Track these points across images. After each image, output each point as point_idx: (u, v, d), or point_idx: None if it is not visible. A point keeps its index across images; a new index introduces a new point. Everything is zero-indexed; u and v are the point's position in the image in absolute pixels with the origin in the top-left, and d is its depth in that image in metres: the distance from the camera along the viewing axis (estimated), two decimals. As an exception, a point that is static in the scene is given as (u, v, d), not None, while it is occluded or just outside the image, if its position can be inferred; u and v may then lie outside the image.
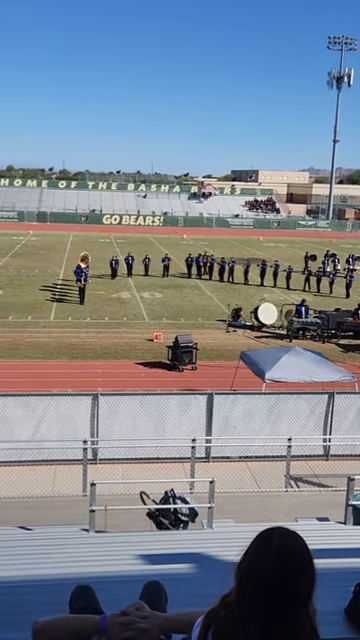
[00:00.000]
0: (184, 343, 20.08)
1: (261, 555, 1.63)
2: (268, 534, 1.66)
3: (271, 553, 1.61)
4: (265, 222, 77.54)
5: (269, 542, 1.64)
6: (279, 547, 1.62)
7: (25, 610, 4.54)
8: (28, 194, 78.65)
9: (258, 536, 1.68)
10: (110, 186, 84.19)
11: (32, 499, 11.17)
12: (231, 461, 13.26)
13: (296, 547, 1.63)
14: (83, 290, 29.98)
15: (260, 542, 1.66)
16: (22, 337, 23.20)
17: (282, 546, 1.62)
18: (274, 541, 1.63)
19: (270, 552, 1.62)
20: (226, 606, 1.70)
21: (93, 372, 19.22)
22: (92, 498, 8.53)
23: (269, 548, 1.62)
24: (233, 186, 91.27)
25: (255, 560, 1.64)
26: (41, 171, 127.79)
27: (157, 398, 13.83)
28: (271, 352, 16.80)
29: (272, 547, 1.62)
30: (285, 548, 1.62)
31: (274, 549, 1.62)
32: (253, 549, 1.66)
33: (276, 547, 1.62)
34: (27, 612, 4.30)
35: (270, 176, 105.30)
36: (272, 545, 1.63)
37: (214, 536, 7.89)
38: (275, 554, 1.61)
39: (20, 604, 4.88)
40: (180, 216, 75.87)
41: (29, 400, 13.22)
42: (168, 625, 1.98)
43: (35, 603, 4.63)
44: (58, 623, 1.99)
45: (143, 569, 5.60)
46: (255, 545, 1.66)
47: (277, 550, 1.61)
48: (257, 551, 1.65)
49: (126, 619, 1.88)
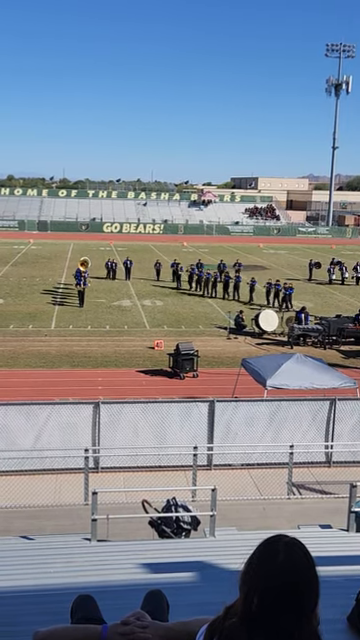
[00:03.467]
0: (185, 350, 20.07)
1: (267, 567, 1.61)
2: (273, 544, 1.65)
3: (277, 564, 1.60)
4: (265, 229, 77.66)
5: (275, 553, 1.62)
6: (285, 558, 1.60)
7: (26, 620, 4.52)
8: (29, 203, 78.88)
9: (262, 546, 1.66)
10: (110, 194, 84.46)
11: (34, 508, 11.15)
12: (233, 468, 13.23)
13: (302, 557, 1.62)
14: (82, 293, 30.65)
15: (265, 553, 1.64)
16: (23, 346, 23.21)
17: (288, 557, 1.61)
18: (280, 552, 1.62)
19: (276, 563, 1.60)
20: (231, 617, 1.69)
21: (94, 380, 19.21)
22: (94, 507, 8.50)
23: (275, 559, 1.61)
24: (233, 193, 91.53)
25: (261, 572, 1.62)
26: (41, 180, 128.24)
27: (158, 406, 13.81)
28: (272, 359, 16.80)
29: (278, 558, 1.61)
30: (291, 559, 1.61)
31: (280, 560, 1.60)
32: (258, 560, 1.64)
33: (282, 558, 1.61)
34: (28, 622, 4.28)
35: (270, 183, 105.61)
36: (278, 556, 1.61)
37: (216, 544, 7.85)
38: (281, 565, 1.60)
39: (21, 614, 4.86)
40: (180, 224, 76.03)
41: (31, 409, 13.21)
42: (169, 635, 1.97)
43: (36, 613, 4.61)
44: (59, 633, 1.98)
45: (145, 578, 5.57)
46: (260, 556, 1.64)
47: (283, 561, 1.60)
48: (263, 562, 1.63)
49: (126, 629, 1.87)
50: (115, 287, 36.40)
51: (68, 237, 63.74)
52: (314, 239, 73.70)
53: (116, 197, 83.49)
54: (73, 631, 2.05)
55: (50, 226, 72.09)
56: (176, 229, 74.09)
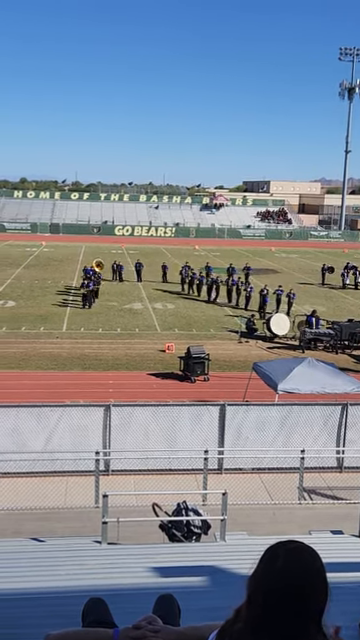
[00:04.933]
0: (196, 354, 20.06)
1: (268, 571, 1.62)
2: (274, 549, 1.65)
3: (277, 569, 1.60)
4: (277, 233, 77.48)
5: (274, 557, 1.63)
6: (285, 563, 1.60)
7: (37, 622, 4.53)
8: (41, 206, 79.27)
9: (265, 551, 1.67)
10: (122, 197, 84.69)
11: (44, 510, 11.17)
12: (244, 473, 13.18)
13: (304, 562, 1.61)
14: (86, 296, 31.04)
15: (267, 557, 1.65)
16: (35, 348, 23.31)
17: (288, 562, 1.61)
18: (279, 557, 1.62)
19: (276, 568, 1.60)
20: (239, 621, 1.69)
21: (105, 383, 19.24)
22: (104, 510, 8.51)
23: (275, 564, 1.61)
24: (245, 197, 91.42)
25: (262, 576, 1.62)
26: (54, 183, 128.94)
27: (169, 409, 13.81)
28: (284, 363, 16.74)
29: (278, 563, 1.61)
30: (291, 563, 1.60)
31: (280, 565, 1.60)
32: (260, 565, 1.65)
33: (282, 563, 1.61)
34: (39, 624, 4.29)
35: (282, 187, 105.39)
36: (278, 561, 1.61)
37: (227, 549, 7.83)
38: (281, 570, 1.60)
39: (32, 616, 4.87)
40: (192, 227, 76.06)
41: (42, 411, 13.25)
42: (178, 637, 1.96)
43: (47, 615, 4.62)
44: (70, 636, 1.98)
45: (156, 582, 5.56)
46: (262, 560, 1.65)
47: (283, 566, 1.60)
48: (264, 567, 1.64)
49: (138, 633, 1.86)
50: (126, 290, 36.48)
51: (80, 240, 63.97)
52: (326, 243, 73.41)
53: (128, 200, 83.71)
54: (85, 634, 2.05)
55: (62, 229, 72.40)
56: (188, 232, 74.12)
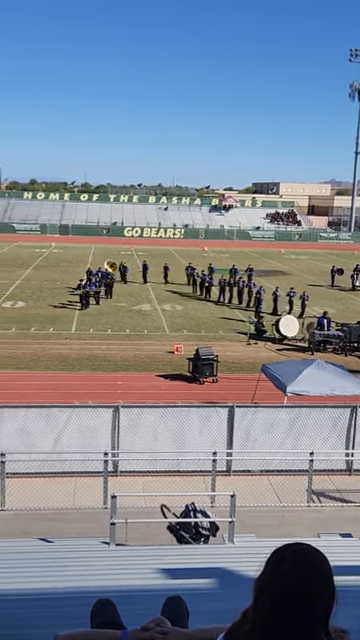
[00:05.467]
0: (205, 355, 20.04)
1: (274, 573, 1.61)
2: (281, 551, 1.65)
3: (284, 571, 1.59)
4: (286, 234, 77.32)
5: (281, 560, 1.62)
6: (292, 565, 1.60)
7: (45, 623, 4.53)
8: (51, 207, 79.56)
9: (272, 553, 1.66)
10: (131, 199, 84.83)
11: (53, 511, 11.20)
12: (252, 475, 13.15)
13: (311, 564, 1.60)
14: (82, 296, 30.99)
15: (273, 560, 1.64)
16: (44, 349, 23.38)
17: (295, 564, 1.60)
18: (286, 559, 1.61)
19: (283, 570, 1.60)
20: (246, 623, 1.68)
21: (114, 384, 19.27)
22: (113, 511, 8.51)
23: (281, 566, 1.61)
24: (254, 198, 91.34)
25: (269, 578, 1.62)
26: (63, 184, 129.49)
27: (178, 411, 13.80)
28: (293, 365, 16.69)
29: (285, 565, 1.60)
30: (298, 566, 1.60)
31: (286, 567, 1.60)
32: (267, 566, 1.65)
33: (288, 564, 1.60)
34: (47, 625, 4.29)
35: (291, 188, 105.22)
36: (284, 563, 1.61)
37: (235, 551, 7.81)
38: (288, 572, 1.59)
39: (40, 616, 4.88)
40: (201, 228, 76.06)
41: (51, 412, 13.29)
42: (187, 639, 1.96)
43: (55, 616, 4.63)
44: (79, 637, 1.98)
45: (164, 583, 5.55)
46: (269, 563, 1.65)
47: (290, 568, 1.59)
48: (271, 569, 1.63)
49: (146, 635, 1.86)
50: (135, 291, 36.53)
51: (89, 241, 64.14)
52: (336, 245, 73.16)
53: (137, 201, 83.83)
54: (93, 636, 2.05)
55: (72, 230, 72.61)
56: (197, 234, 74.14)
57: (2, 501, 11.50)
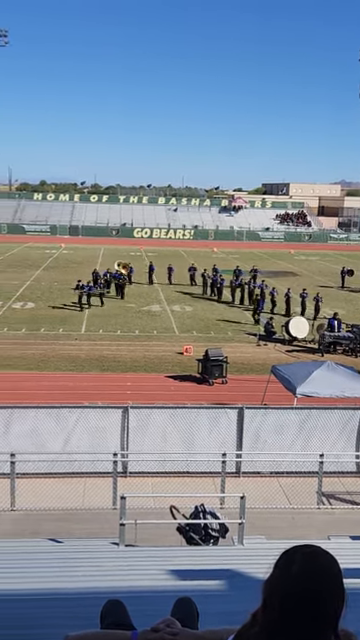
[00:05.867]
0: (214, 356, 20.02)
1: (284, 575, 1.61)
2: (291, 553, 1.64)
3: (293, 573, 1.59)
4: (296, 235, 77.16)
5: (291, 562, 1.61)
6: (301, 567, 1.59)
7: (55, 623, 4.54)
8: (60, 208, 79.85)
9: (281, 555, 1.65)
10: (141, 200, 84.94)
11: (62, 511, 11.22)
12: (262, 476, 13.12)
13: (319, 567, 1.60)
14: (80, 298, 31.13)
15: (283, 562, 1.63)
16: (53, 349, 23.45)
17: (304, 566, 1.59)
18: (295, 561, 1.61)
19: (292, 572, 1.59)
20: (255, 625, 1.68)
21: (123, 385, 19.29)
22: (122, 512, 8.51)
23: (291, 568, 1.60)
24: (264, 199, 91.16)
25: (278, 580, 1.61)
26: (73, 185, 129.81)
27: (187, 412, 13.80)
28: (303, 366, 16.64)
29: (294, 566, 1.60)
30: (308, 568, 1.59)
31: (296, 569, 1.59)
32: (276, 568, 1.64)
33: (298, 566, 1.59)
34: (57, 625, 4.30)
35: (301, 189, 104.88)
36: (294, 564, 1.60)
37: (245, 553, 7.79)
38: (297, 574, 1.58)
39: (50, 616, 4.89)
40: (211, 229, 76.05)
41: (60, 412, 13.32)
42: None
43: (65, 616, 4.63)
44: (89, 638, 1.98)
45: (173, 585, 5.55)
46: (278, 564, 1.64)
47: (299, 570, 1.59)
48: (280, 571, 1.63)
49: (156, 636, 1.86)
50: (144, 292, 36.57)
51: (99, 242, 64.32)
52: (346, 245, 72.89)
53: (147, 202, 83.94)
54: (103, 636, 2.05)
55: (81, 231, 72.86)
56: (206, 235, 74.13)
57: (12, 501, 11.54)
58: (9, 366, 21.21)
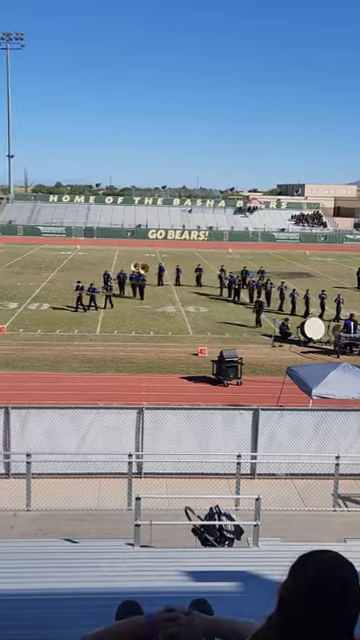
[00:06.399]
0: (229, 358, 19.98)
1: (299, 579, 1.60)
2: (307, 557, 1.63)
3: (307, 577, 1.58)
4: (312, 236, 76.81)
5: (306, 566, 1.61)
6: (317, 570, 1.58)
7: (70, 623, 4.55)
8: (76, 210, 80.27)
9: (297, 560, 1.65)
10: (156, 201, 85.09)
11: (77, 511, 11.26)
12: (277, 478, 13.06)
13: (335, 571, 1.59)
14: (79, 299, 30.84)
15: (298, 566, 1.63)
16: (69, 350, 23.56)
17: (320, 570, 1.58)
18: (311, 565, 1.60)
19: (306, 576, 1.58)
20: (270, 628, 1.67)
21: (138, 386, 19.33)
22: (137, 512, 8.53)
23: (306, 571, 1.59)
24: (279, 200, 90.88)
25: (293, 584, 1.60)
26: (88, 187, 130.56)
27: (202, 413, 13.78)
28: (318, 368, 16.55)
29: (309, 570, 1.59)
30: (323, 572, 1.58)
31: (311, 572, 1.58)
32: (291, 572, 1.63)
33: (313, 570, 1.59)
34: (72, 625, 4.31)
35: (317, 190, 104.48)
36: (309, 568, 1.59)
37: (260, 555, 7.76)
38: (312, 578, 1.57)
39: (65, 616, 4.90)
40: (225, 230, 75.96)
41: (76, 413, 13.38)
42: (215, 629, 1.97)
43: (80, 616, 4.64)
44: (106, 632, 1.99)
45: (188, 586, 5.54)
46: (293, 568, 1.64)
47: (314, 573, 1.58)
48: (295, 575, 1.62)
49: (171, 615, 1.87)
50: (159, 293, 36.62)
51: (114, 243, 64.54)
52: (362, 246, 72.39)
53: (161, 204, 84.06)
54: (119, 626, 2.05)
55: (96, 232, 73.17)
56: (221, 236, 74.06)
57: (28, 501, 11.61)
58: (25, 367, 21.35)
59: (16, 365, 21.51)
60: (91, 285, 31.76)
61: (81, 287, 31.27)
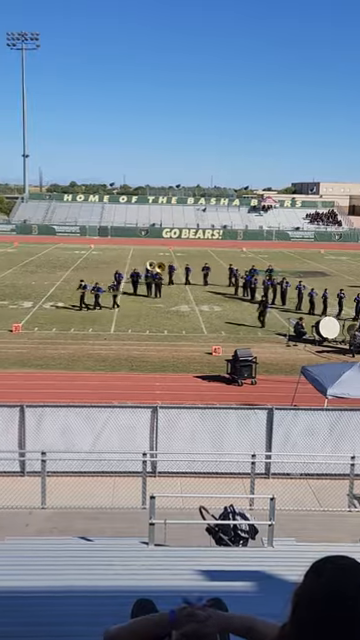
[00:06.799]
0: (243, 357, 19.93)
1: (313, 583, 1.59)
2: (321, 563, 1.62)
3: (322, 581, 1.57)
4: (326, 235, 76.36)
5: (321, 570, 1.59)
6: (331, 575, 1.57)
7: (85, 620, 4.57)
8: (90, 209, 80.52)
9: (312, 565, 1.64)
10: (170, 200, 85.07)
11: (92, 510, 11.31)
12: (292, 478, 13.02)
13: (351, 576, 1.57)
14: (82, 298, 30.99)
15: (312, 571, 1.62)
16: (83, 349, 23.65)
17: (335, 574, 1.57)
18: (326, 569, 1.59)
19: (321, 580, 1.57)
20: (286, 634, 1.66)
21: (152, 385, 19.35)
22: (152, 511, 8.54)
23: (321, 576, 1.58)
24: (294, 199, 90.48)
25: (307, 589, 1.59)
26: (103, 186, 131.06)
27: (216, 412, 13.77)
28: (333, 367, 16.45)
29: (324, 575, 1.58)
30: (338, 576, 1.57)
31: (326, 577, 1.57)
32: (306, 578, 1.62)
33: (328, 575, 1.57)
34: (87, 622, 4.33)
35: (332, 188, 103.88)
36: (324, 573, 1.58)
37: (275, 555, 7.73)
38: (327, 582, 1.56)
39: (80, 614, 4.92)
40: (240, 229, 75.77)
41: (90, 412, 13.43)
42: (228, 625, 1.98)
43: (95, 614, 4.66)
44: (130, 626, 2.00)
45: (203, 585, 5.54)
46: (308, 574, 1.63)
47: (329, 578, 1.57)
48: (310, 581, 1.61)
49: (190, 610, 1.90)
50: (173, 292, 36.62)
51: (128, 242, 64.65)
52: (377, 245, 71.85)
53: (176, 203, 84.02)
54: (142, 620, 2.07)
55: (110, 231, 73.36)
56: (235, 235, 73.91)
57: (43, 499, 11.67)
58: (40, 365, 21.47)
59: (31, 364, 21.64)
60: (96, 284, 31.79)
61: (84, 286, 31.35)
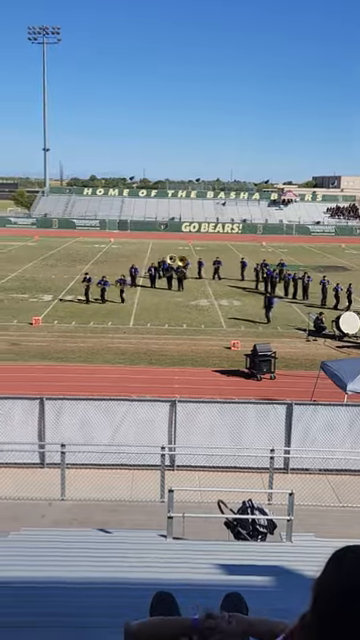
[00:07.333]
0: (262, 351, 19.86)
1: (333, 573, 1.56)
2: (342, 553, 1.59)
3: (343, 571, 1.54)
4: (347, 229, 75.66)
5: (342, 560, 1.56)
6: (353, 565, 1.54)
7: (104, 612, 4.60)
8: (110, 203, 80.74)
9: (332, 555, 1.61)
10: (189, 194, 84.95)
11: (111, 502, 11.38)
12: (310, 473, 12.96)
13: None
14: (87, 291, 30.85)
15: (333, 561, 1.59)
16: (102, 342, 23.76)
17: (356, 566, 1.54)
18: (346, 560, 1.56)
19: (342, 570, 1.54)
20: (305, 625, 1.65)
21: (171, 379, 19.37)
22: (170, 505, 8.56)
23: (341, 566, 1.55)
24: (314, 193, 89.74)
25: (327, 580, 1.57)
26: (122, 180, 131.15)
27: (235, 407, 13.74)
28: (354, 362, 16.32)
29: (345, 565, 1.55)
30: (358, 568, 1.54)
31: (346, 567, 1.54)
32: (326, 568, 1.60)
33: (349, 565, 1.54)
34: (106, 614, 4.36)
35: (353, 182, 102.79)
36: (345, 563, 1.55)
37: (294, 550, 7.71)
38: (348, 572, 1.53)
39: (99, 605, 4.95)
40: (259, 223, 75.41)
41: (109, 405, 13.49)
42: (250, 630, 1.96)
43: (114, 605, 4.69)
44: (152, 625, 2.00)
45: (221, 579, 5.54)
46: (328, 565, 1.60)
47: (350, 568, 1.54)
48: (329, 571, 1.58)
49: (212, 622, 1.88)
50: (193, 286, 36.59)
51: (147, 236, 64.71)
52: None
53: (195, 197, 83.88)
54: (166, 621, 2.06)
55: (130, 225, 73.50)
56: (255, 229, 73.56)
57: (62, 491, 11.78)
58: (60, 359, 21.62)
59: (51, 357, 21.80)
60: (102, 277, 31.74)
61: (88, 279, 31.35)
